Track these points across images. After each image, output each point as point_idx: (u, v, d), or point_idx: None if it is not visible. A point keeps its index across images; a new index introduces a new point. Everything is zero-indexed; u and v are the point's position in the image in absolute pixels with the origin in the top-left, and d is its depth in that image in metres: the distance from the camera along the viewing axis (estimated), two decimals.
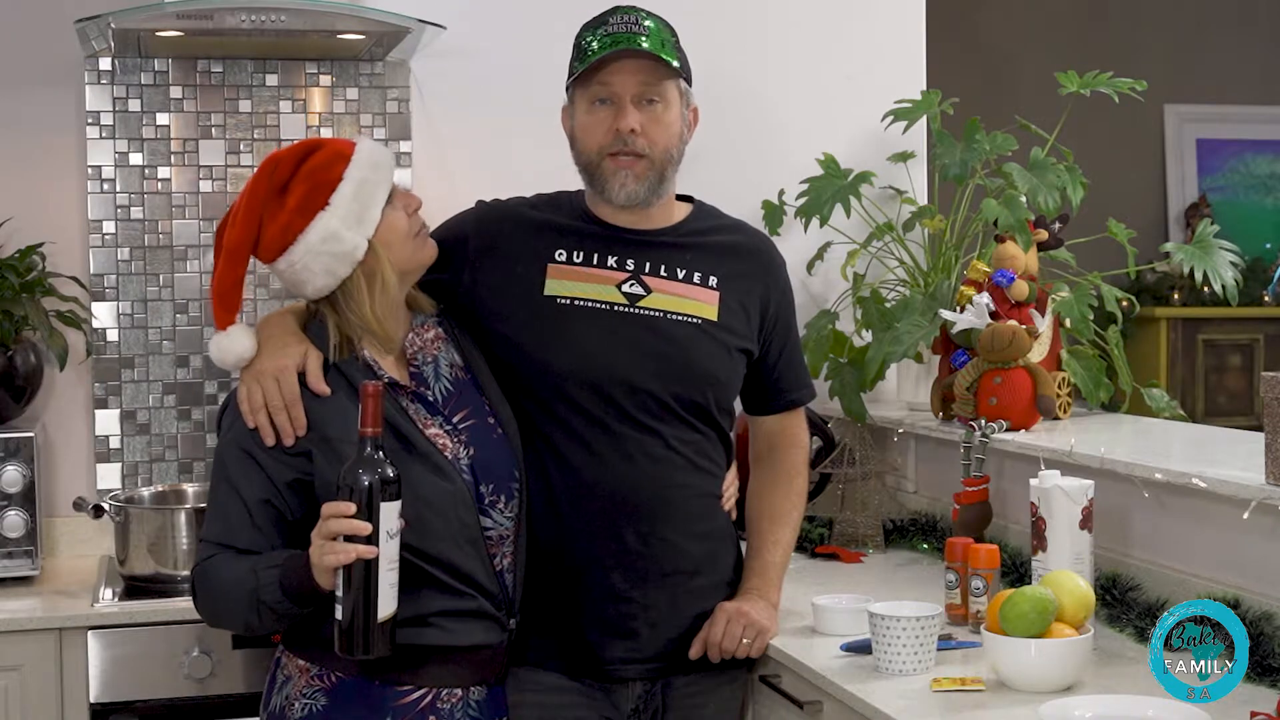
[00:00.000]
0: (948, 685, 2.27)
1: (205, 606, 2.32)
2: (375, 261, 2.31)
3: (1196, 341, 6.37)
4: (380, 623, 2.13)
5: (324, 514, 2.13)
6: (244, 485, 2.26)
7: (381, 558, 2.12)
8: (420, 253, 2.39)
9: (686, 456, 2.52)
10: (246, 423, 2.26)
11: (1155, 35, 6.69)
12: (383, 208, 2.32)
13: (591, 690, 2.51)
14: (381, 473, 2.12)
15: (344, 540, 2.10)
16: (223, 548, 2.26)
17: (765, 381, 2.66)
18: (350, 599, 2.12)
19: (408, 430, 2.31)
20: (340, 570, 2.11)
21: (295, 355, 2.30)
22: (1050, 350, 3.18)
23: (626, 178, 2.49)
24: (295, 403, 2.26)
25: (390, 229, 2.33)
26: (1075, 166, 3.38)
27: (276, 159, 2.34)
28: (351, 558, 2.10)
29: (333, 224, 2.28)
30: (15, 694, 2.90)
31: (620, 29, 2.48)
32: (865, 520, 3.34)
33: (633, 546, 2.48)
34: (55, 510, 3.42)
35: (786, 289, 2.68)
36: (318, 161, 2.32)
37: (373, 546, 2.11)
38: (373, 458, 2.13)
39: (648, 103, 2.48)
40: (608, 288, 2.51)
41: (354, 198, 2.29)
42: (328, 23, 3.25)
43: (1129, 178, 6.51)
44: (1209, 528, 2.49)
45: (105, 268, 3.49)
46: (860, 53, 3.87)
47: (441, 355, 2.44)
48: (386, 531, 2.12)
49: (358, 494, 2.11)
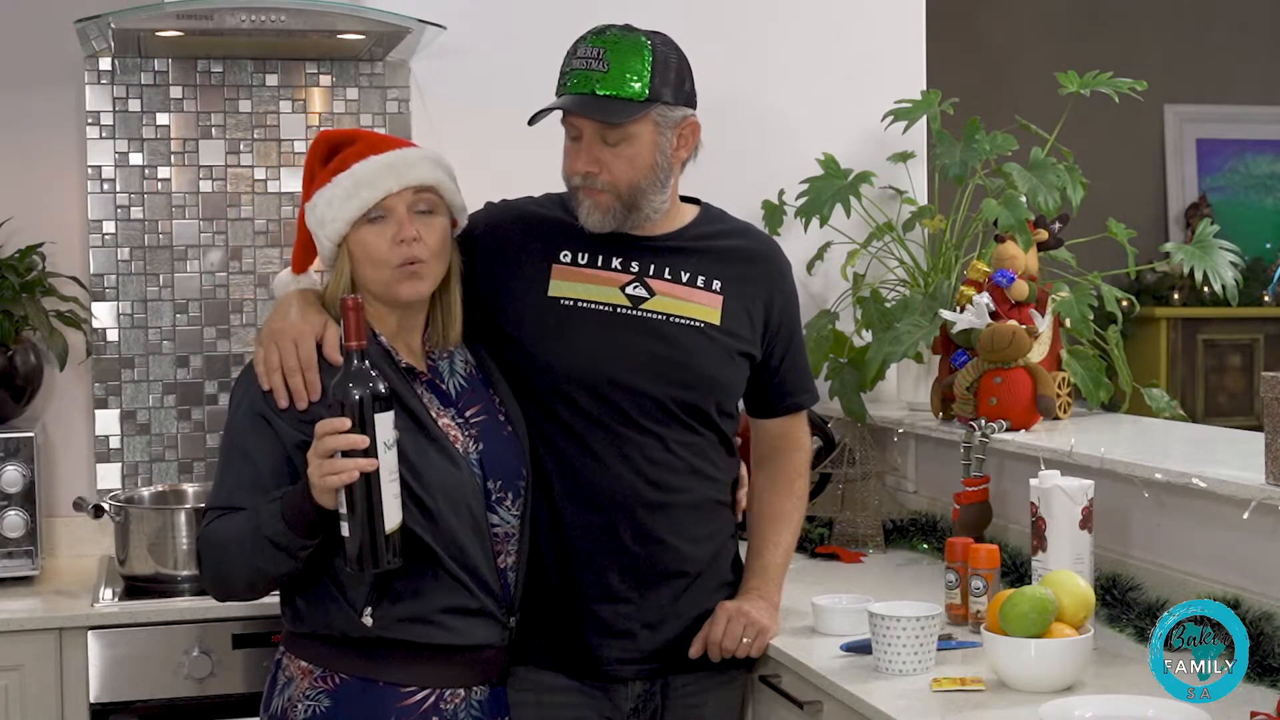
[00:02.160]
0: (948, 685, 2.27)
1: (210, 570, 2.28)
2: (339, 261, 2.34)
3: (1196, 341, 6.36)
4: (388, 534, 2.12)
5: (318, 432, 2.11)
6: (255, 449, 2.26)
7: (382, 469, 2.10)
8: (395, 286, 2.33)
9: (686, 459, 2.52)
10: (261, 384, 2.26)
11: (1155, 35, 6.69)
12: (351, 220, 2.30)
13: (591, 690, 2.51)
14: (372, 386, 2.11)
15: (342, 456, 2.09)
16: (227, 510, 2.25)
17: (768, 385, 2.66)
18: (356, 515, 2.10)
19: (422, 415, 2.31)
20: (342, 488, 2.10)
21: (315, 324, 2.31)
22: (1050, 350, 3.17)
23: (592, 208, 2.49)
24: (311, 367, 2.26)
25: (359, 244, 2.32)
26: (1075, 166, 3.39)
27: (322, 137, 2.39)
28: (354, 475, 2.08)
29: (315, 213, 2.33)
30: (15, 694, 2.90)
31: (581, 66, 2.46)
32: (865, 520, 3.34)
33: (630, 548, 2.48)
34: (55, 510, 3.43)
35: (792, 294, 2.68)
36: (347, 154, 2.34)
37: (372, 459, 2.09)
38: (360, 369, 2.11)
39: (609, 143, 2.47)
40: (611, 289, 2.51)
41: (331, 199, 2.31)
42: (328, 23, 3.25)
43: (1129, 178, 6.51)
44: (1209, 528, 2.49)
45: (105, 268, 3.49)
46: (860, 53, 3.87)
47: (457, 351, 2.45)
48: (383, 442, 2.10)
49: (349, 408, 2.09)
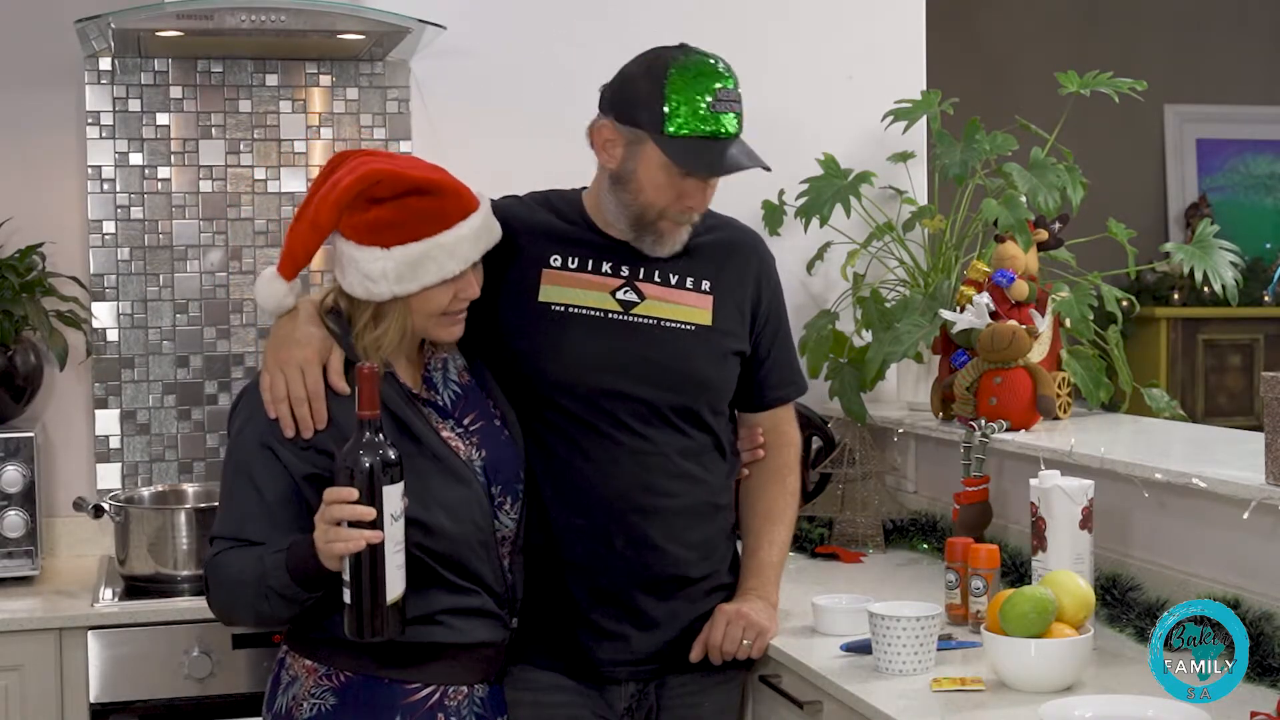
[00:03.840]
0: (948, 685, 2.27)
1: (217, 600, 2.29)
2: (391, 312, 2.29)
3: (1196, 341, 6.36)
4: (390, 605, 2.11)
5: (326, 499, 2.11)
6: (261, 478, 2.24)
7: (387, 540, 2.09)
8: (439, 330, 2.34)
9: (678, 463, 2.51)
10: (268, 412, 2.25)
11: (1155, 35, 6.68)
12: (432, 285, 2.27)
13: (585, 689, 2.51)
14: (383, 455, 2.10)
15: (349, 526, 2.08)
16: (235, 541, 2.24)
17: (755, 378, 2.64)
18: (358, 584, 2.10)
19: (424, 435, 2.31)
20: (347, 556, 2.10)
21: (322, 348, 2.28)
22: (1050, 350, 3.18)
23: (675, 239, 2.50)
24: (318, 396, 2.25)
25: (424, 301, 2.29)
26: (1075, 166, 3.39)
27: (386, 174, 2.26)
28: (360, 545, 2.07)
29: (377, 266, 2.25)
30: (15, 694, 2.90)
31: (724, 109, 2.41)
32: (865, 520, 3.34)
33: (622, 551, 2.47)
34: (55, 510, 3.43)
35: (777, 283, 2.67)
36: (419, 207, 2.26)
37: (378, 531, 2.08)
38: (372, 440, 2.10)
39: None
40: (602, 294, 2.50)
41: (413, 263, 2.25)
42: (328, 23, 3.25)
43: (1129, 178, 6.51)
44: (1209, 528, 2.49)
45: (105, 268, 3.49)
46: (860, 53, 3.87)
47: (450, 359, 2.44)
48: (390, 514, 2.10)
49: (359, 478, 2.09)
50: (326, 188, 2.29)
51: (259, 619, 2.27)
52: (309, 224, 2.29)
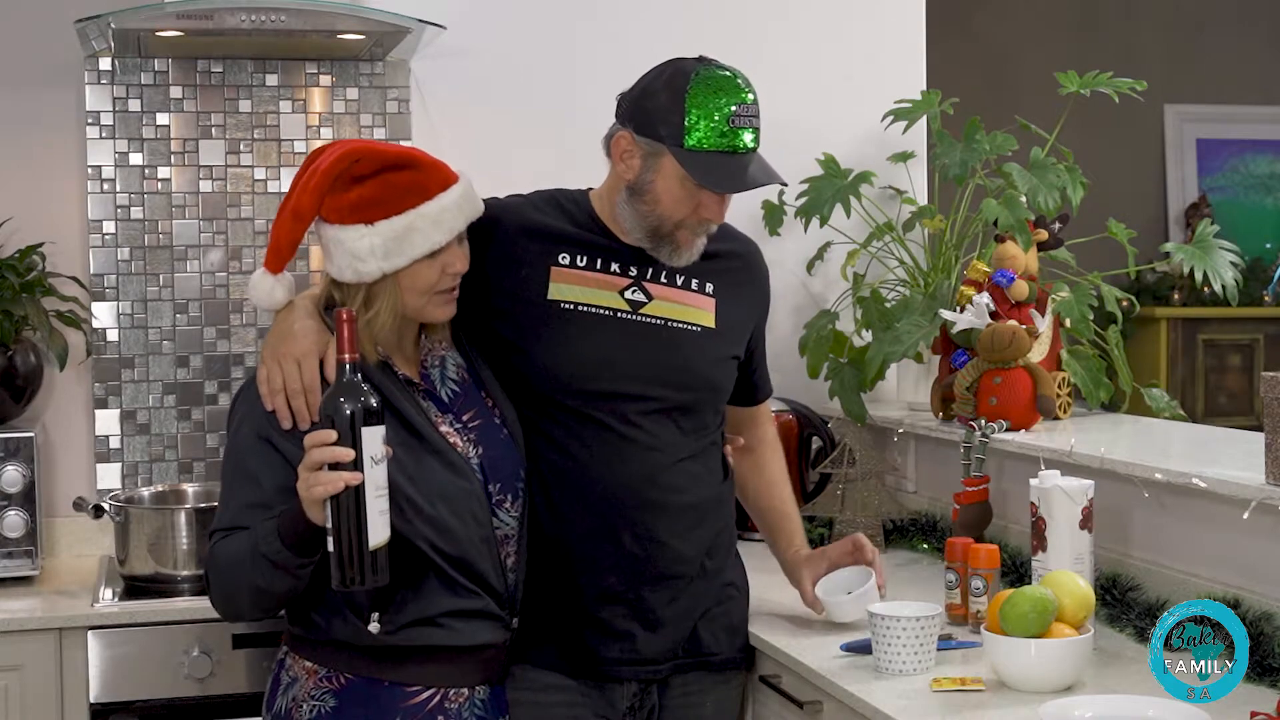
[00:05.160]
0: (948, 685, 2.27)
1: (217, 588, 2.28)
2: (382, 293, 2.30)
3: (1196, 341, 6.36)
4: (372, 550, 2.09)
5: (306, 444, 2.11)
6: (259, 469, 2.25)
7: (368, 483, 2.08)
8: (431, 309, 2.35)
9: (684, 460, 2.52)
10: (265, 405, 2.26)
11: (1155, 35, 6.69)
12: (420, 258, 2.29)
13: (586, 688, 2.51)
14: (363, 400, 2.09)
15: (329, 470, 2.08)
16: (232, 530, 2.24)
17: (745, 382, 2.69)
18: (340, 529, 2.08)
19: (423, 426, 2.31)
20: (329, 502, 2.08)
21: (320, 341, 2.30)
22: (1050, 350, 3.18)
23: (693, 249, 2.51)
24: (314, 389, 2.25)
25: (413, 276, 2.30)
26: (1075, 166, 3.39)
27: (364, 151, 2.30)
28: (338, 486, 2.06)
29: (364, 243, 2.27)
30: (15, 694, 2.90)
31: (744, 124, 2.43)
32: (865, 520, 3.34)
33: (629, 549, 2.48)
34: (55, 510, 3.43)
35: (769, 295, 2.73)
36: (399, 181, 2.28)
37: (357, 473, 2.07)
38: (352, 383, 2.10)
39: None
40: (610, 294, 2.51)
41: (398, 236, 2.27)
42: (328, 23, 3.25)
43: (1129, 178, 6.51)
44: (1209, 528, 2.49)
45: (105, 268, 3.49)
46: (860, 53, 3.87)
47: (448, 356, 2.44)
48: (371, 457, 2.09)
49: (339, 421, 2.08)
50: (307, 176, 2.31)
51: (257, 600, 2.25)
52: (290, 214, 2.31)
